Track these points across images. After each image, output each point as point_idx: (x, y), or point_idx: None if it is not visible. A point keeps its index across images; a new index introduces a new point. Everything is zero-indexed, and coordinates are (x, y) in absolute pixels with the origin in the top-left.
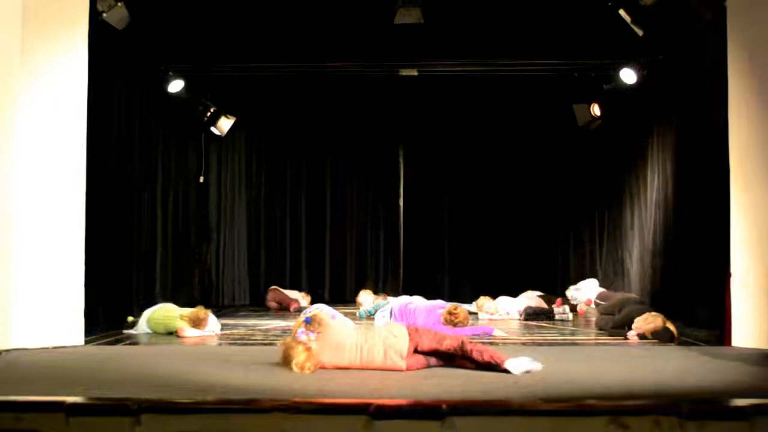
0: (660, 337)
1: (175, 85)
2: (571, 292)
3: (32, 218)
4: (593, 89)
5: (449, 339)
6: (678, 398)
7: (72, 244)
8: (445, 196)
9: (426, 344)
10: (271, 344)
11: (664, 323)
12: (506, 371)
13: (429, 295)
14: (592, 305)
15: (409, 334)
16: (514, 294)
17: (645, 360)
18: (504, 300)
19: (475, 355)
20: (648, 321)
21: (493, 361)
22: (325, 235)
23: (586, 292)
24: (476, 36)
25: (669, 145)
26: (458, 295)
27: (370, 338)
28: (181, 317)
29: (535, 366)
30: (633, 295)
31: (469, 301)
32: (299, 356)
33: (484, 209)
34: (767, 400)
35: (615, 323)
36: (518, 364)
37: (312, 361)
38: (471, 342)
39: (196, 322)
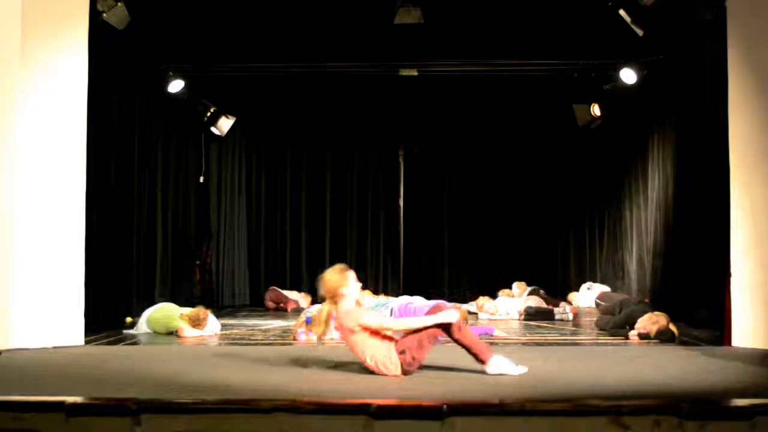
0: (661, 336)
1: (175, 85)
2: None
3: (32, 218)
4: (593, 89)
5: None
6: (678, 398)
7: (72, 244)
8: (445, 196)
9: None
10: (271, 344)
11: (668, 322)
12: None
13: (429, 295)
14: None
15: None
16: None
17: (645, 360)
18: (504, 300)
19: (457, 334)
20: (653, 320)
21: (473, 350)
22: (325, 234)
23: (590, 293)
24: (476, 36)
25: (669, 145)
26: (458, 295)
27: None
28: (181, 317)
29: (518, 370)
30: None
31: (469, 301)
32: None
33: (485, 209)
34: (767, 400)
35: (615, 323)
36: (499, 366)
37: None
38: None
39: (196, 322)
